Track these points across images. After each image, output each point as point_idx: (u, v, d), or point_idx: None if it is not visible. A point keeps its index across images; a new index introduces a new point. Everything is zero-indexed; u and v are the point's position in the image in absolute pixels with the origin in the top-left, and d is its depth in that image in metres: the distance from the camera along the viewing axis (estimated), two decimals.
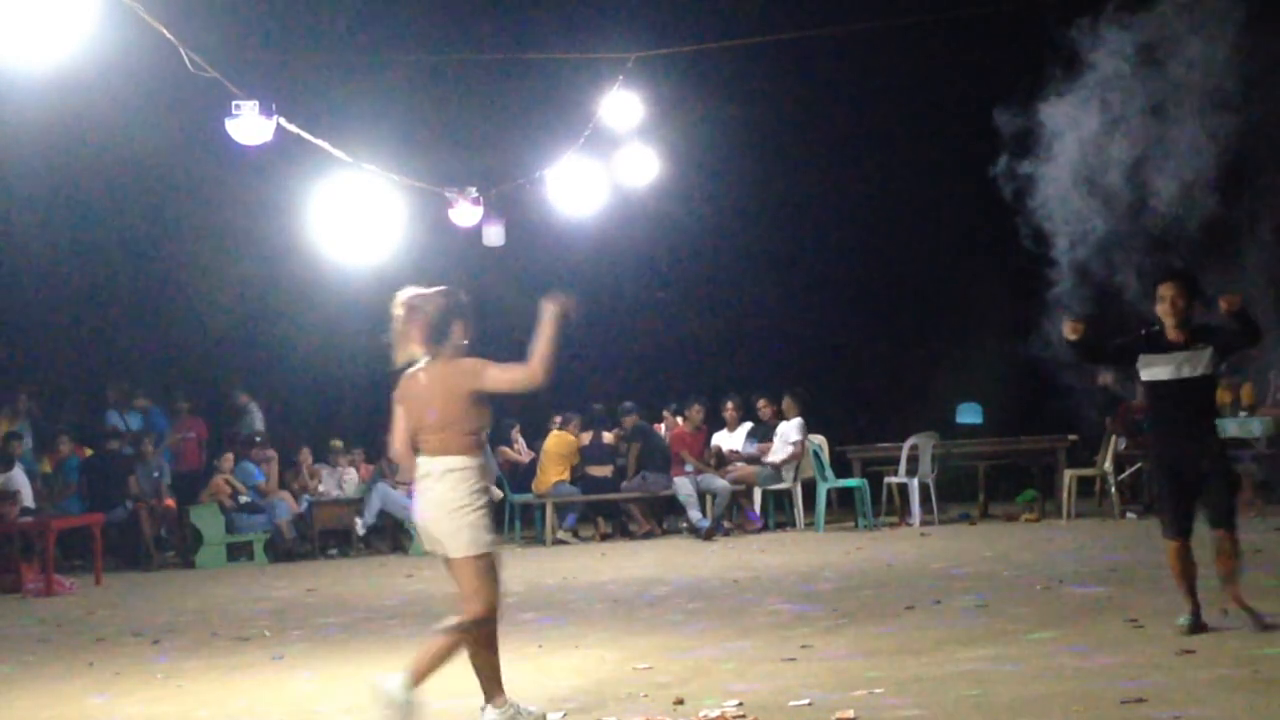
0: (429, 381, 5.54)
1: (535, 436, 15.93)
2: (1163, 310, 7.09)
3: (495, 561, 5.48)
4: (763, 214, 18.11)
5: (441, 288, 5.69)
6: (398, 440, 5.65)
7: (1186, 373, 7.05)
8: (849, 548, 12.45)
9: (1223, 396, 15.64)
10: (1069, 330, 7.16)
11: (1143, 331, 7.19)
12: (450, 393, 5.50)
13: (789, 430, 14.90)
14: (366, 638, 8.40)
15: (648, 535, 15.10)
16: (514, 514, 15.67)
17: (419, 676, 5.35)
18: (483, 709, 5.60)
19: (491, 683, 5.58)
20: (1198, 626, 6.90)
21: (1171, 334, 7.07)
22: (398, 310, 5.58)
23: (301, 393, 17.95)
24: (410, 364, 5.63)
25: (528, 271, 17.64)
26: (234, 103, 9.60)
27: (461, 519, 5.42)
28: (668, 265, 18.38)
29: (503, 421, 15.90)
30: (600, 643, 7.58)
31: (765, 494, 14.95)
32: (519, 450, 15.94)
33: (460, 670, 5.44)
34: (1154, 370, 7.13)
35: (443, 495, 5.44)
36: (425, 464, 5.50)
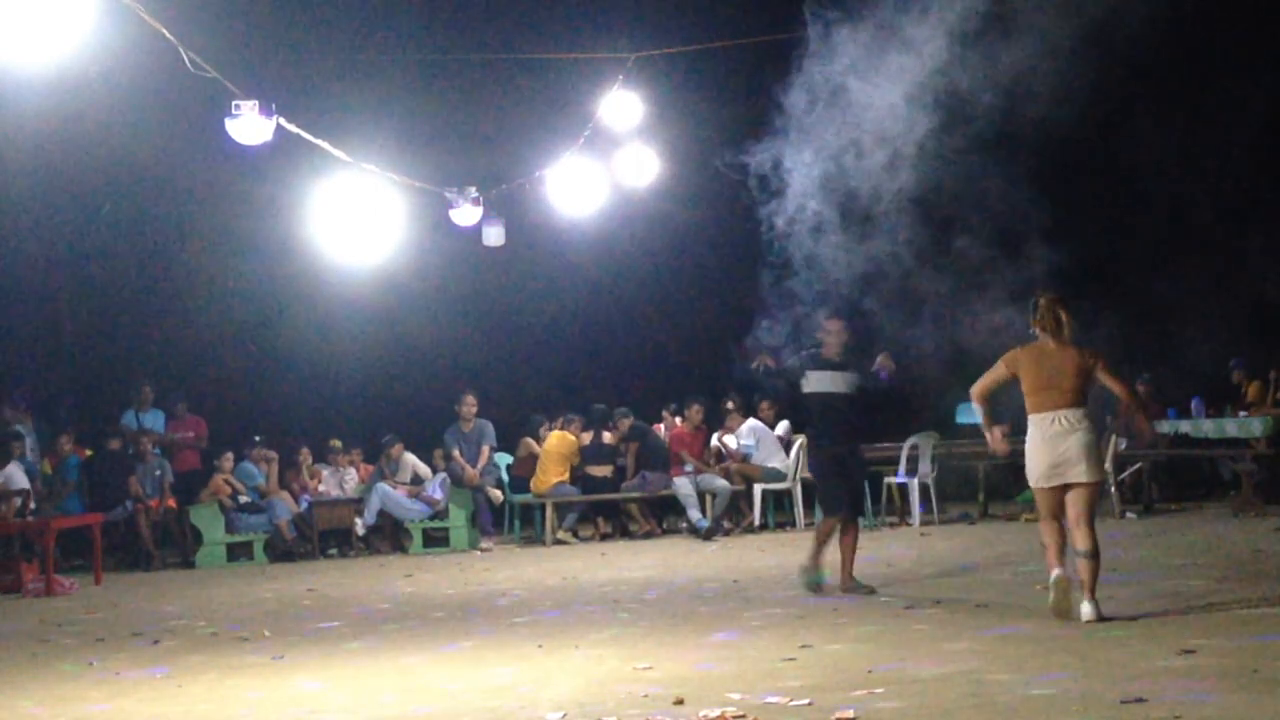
0: (1061, 357, 7.51)
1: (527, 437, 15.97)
2: (829, 339, 9.26)
3: None
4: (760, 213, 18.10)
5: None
6: (981, 391, 7.79)
7: (842, 388, 9.21)
8: None
9: (1254, 391, 15.63)
10: (763, 360, 9.36)
11: (805, 352, 9.36)
12: (1081, 367, 7.49)
13: (781, 430, 15.23)
14: (366, 638, 8.40)
15: (648, 535, 15.10)
16: (514, 514, 15.68)
17: (1092, 588, 7.26)
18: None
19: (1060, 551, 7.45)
20: (817, 585, 9.15)
21: (833, 355, 9.25)
22: (1046, 298, 7.61)
23: (301, 393, 17.95)
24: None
25: (528, 271, 17.66)
26: (234, 103, 9.59)
27: (1097, 452, 7.49)
28: (667, 265, 18.39)
29: (533, 417, 15.94)
30: (600, 643, 7.57)
31: (765, 494, 14.95)
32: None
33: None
34: (819, 383, 9.23)
35: (1086, 435, 7.40)
36: (1057, 414, 7.41)
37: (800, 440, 14.99)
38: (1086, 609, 7.20)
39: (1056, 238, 10.64)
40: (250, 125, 9.69)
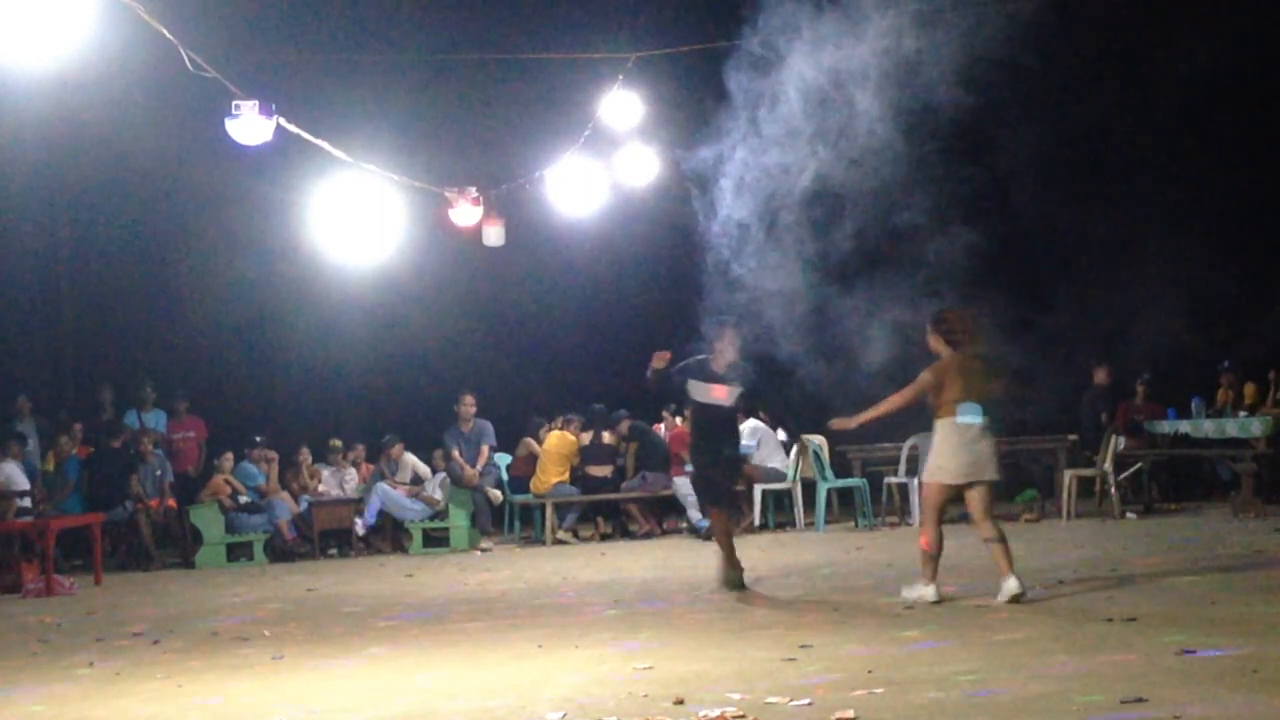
0: (976, 366, 8.29)
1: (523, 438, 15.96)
2: (721, 346, 9.69)
3: None
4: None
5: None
6: (906, 398, 8.63)
7: (723, 399, 9.64)
8: (849, 547, 12.45)
9: (1224, 395, 15.66)
10: (658, 360, 9.70)
11: (693, 360, 9.74)
12: (988, 375, 8.31)
13: (783, 435, 15.28)
14: (366, 638, 8.40)
15: (648, 535, 15.10)
16: (514, 514, 15.68)
17: (1009, 566, 8.09)
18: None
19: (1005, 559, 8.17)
20: (741, 583, 9.46)
21: (718, 368, 9.69)
22: (963, 314, 8.45)
23: (301, 393, 17.94)
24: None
25: (528, 271, 17.66)
26: (234, 103, 9.60)
27: (999, 455, 8.46)
28: (667, 265, 18.40)
29: (533, 418, 15.94)
30: (600, 643, 7.57)
31: (765, 494, 14.95)
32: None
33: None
34: (702, 392, 9.66)
35: (993, 440, 8.35)
36: (978, 418, 8.23)
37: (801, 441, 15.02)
38: (1012, 584, 7.97)
39: (988, 229, 10.74)
40: (250, 125, 9.69)
